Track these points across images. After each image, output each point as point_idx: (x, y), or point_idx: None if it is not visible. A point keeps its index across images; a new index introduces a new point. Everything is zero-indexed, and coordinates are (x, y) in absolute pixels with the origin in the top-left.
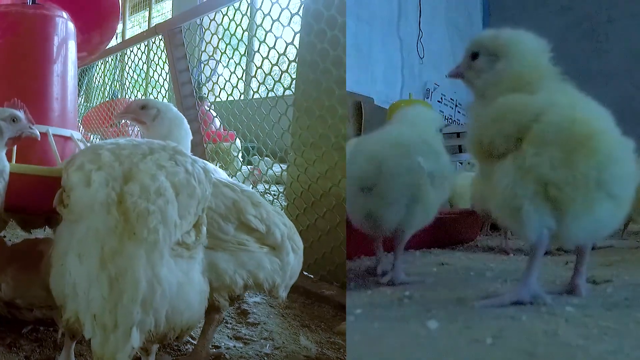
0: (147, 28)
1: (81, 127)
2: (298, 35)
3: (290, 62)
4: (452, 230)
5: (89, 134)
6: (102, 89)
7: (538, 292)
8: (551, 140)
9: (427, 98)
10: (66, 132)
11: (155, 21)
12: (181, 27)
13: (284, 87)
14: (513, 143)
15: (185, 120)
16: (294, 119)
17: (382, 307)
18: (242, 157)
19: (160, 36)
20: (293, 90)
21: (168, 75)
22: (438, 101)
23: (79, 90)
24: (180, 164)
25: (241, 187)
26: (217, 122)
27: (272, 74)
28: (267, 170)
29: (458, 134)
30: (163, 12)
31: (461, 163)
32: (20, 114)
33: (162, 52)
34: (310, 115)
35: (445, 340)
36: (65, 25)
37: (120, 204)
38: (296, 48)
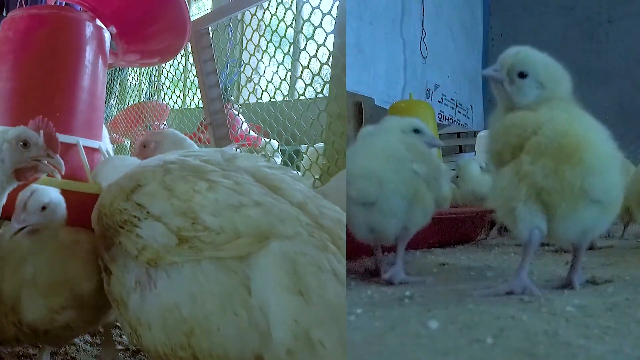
0: None
1: (111, 130)
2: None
3: (322, 64)
4: (455, 230)
5: (118, 137)
6: (138, 90)
7: (528, 285)
8: (544, 150)
9: (428, 98)
10: (95, 144)
11: (194, 19)
12: (208, 28)
13: (315, 91)
14: (516, 153)
15: (187, 143)
16: (326, 125)
17: (383, 307)
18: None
19: None
20: (325, 93)
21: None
22: (438, 101)
23: (111, 91)
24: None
25: None
26: (245, 125)
27: (302, 77)
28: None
29: (458, 134)
30: (204, 9)
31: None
32: (35, 136)
33: (189, 53)
34: (344, 121)
35: (445, 340)
36: (94, 29)
37: None
38: (329, 50)
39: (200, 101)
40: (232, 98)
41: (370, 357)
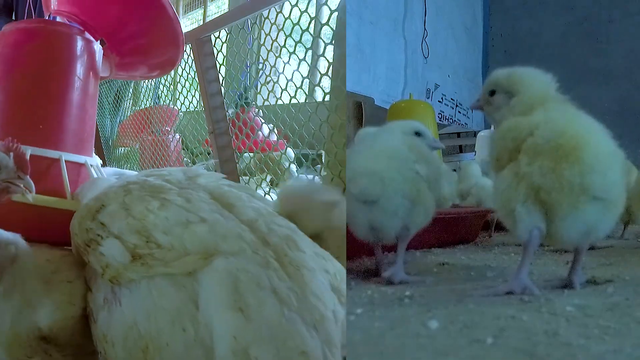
0: None
1: (120, 135)
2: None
3: (322, 75)
4: (455, 230)
5: (128, 141)
6: (153, 92)
7: (528, 285)
8: (542, 151)
9: (428, 98)
10: (81, 159)
11: (195, 27)
12: (210, 35)
13: (316, 101)
14: (513, 156)
15: None
16: (328, 137)
17: (383, 307)
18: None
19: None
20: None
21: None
22: (439, 101)
23: (124, 94)
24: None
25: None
26: (265, 129)
27: (302, 87)
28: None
29: (458, 134)
30: (223, 8)
31: (461, 162)
32: (5, 159)
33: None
34: (345, 132)
35: (445, 340)
36: (84, 43)
37: None
38: (328, 61)
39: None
40: (253, 102)
41: (370, 357)
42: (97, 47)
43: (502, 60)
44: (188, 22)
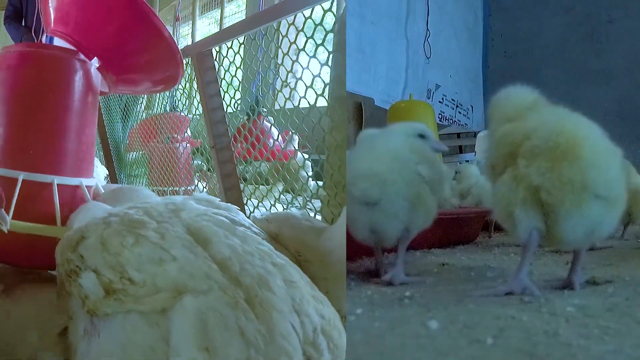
0: (218, 29)
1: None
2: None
3: (317, 95)
4: (455, 230)
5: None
6: (169, 98)
7: (528, 285)
8: (540, 152)
9: (429, 98)
10: (75, 181)
11: (227, 21)
12: (211, 49)
13: (313, 121)
14: (510, 161)
15: None
16: (325, 157)
17: (383, 307)
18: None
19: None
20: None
21: (239, 81)
22: (439, 102)
23: (135, 99)
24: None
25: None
26: (275, 133)
27: (300, 106)
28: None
29: (458, 134)
30: (241, 8)
31: (460, 163)
32: None
33: (214, 60)
34: (343, 153)
35: (445, 340)
36: (79, 66)
37: None
38: (324, 82)
39: (229, 108)
40: (265, 110)
41: (370, 357)
42: (93, 68)
43: (502, 60)
44: (206, 22)
